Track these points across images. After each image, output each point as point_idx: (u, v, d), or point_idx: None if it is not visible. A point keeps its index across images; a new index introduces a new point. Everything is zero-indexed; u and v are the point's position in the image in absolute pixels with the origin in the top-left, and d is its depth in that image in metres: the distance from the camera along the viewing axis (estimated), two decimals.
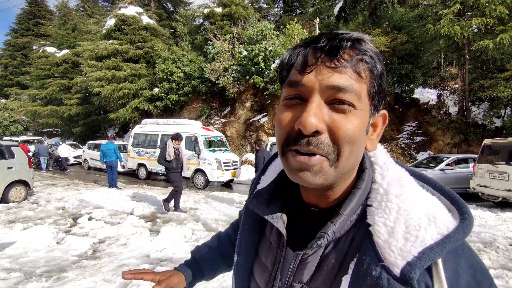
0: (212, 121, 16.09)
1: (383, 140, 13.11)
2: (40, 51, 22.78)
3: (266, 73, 14.20)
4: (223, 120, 15.95)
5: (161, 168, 10.81)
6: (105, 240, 4.25)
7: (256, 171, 6.83)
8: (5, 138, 19.00)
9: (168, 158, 5.76)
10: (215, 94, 16.55)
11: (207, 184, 9.73)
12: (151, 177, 11.48)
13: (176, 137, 5.97)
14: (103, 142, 13.30)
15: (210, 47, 16.30)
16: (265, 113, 15.00)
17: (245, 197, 7.29)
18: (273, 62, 14.16)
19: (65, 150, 13.86)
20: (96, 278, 2.99)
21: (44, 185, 9.38)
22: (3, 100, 25.72)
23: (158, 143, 10.92)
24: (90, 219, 5.18)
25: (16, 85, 26.52)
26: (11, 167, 6.50)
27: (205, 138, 10.16)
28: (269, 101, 15.08)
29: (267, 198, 0.55)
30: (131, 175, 11.99)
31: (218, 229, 4.83)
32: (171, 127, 11.00)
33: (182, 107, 17.84)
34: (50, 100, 21.71)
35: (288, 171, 0.45)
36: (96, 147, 13.76)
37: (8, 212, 5.70)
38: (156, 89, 17.19)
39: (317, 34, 0.45)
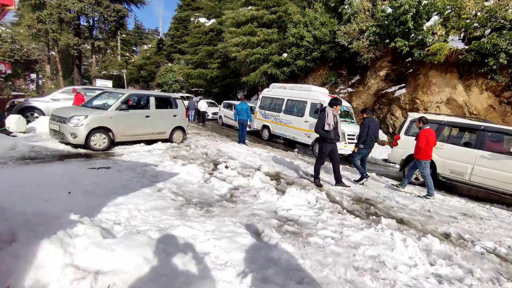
0: (337, 90, 15.10)
1: None
2: (195, 22, 27.12)
3: (413, 35, 11.62)
4: (349, 89, 14.66)
5: (282, 132, 11.34)
6: (238, 188, 4.80)
7: (358, 139, 6.00)
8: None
9: (327, 128, 5.16)
10: (345, 60, 15.20)
11: None
12: (272, 139, 12.21)
13: (336, 101, 5.30)
14: (236, 102, 15.04)
15: (346, 6, 14.67)
16: (403, 84, 12.66)
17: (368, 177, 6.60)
18: (427, 20, 11.34)
19: (204, 105, 16.85)
20: (235, 219, 3.38)
21: (192, 133, 11.62)
22: (169, 64, 32.98)
23: (283, 108, 11.26)
24: (226, 167, 5.98)
25: (178, 51, 33.17)
26: (176, 115, 8.27)
27: None
28: (411, 70, 12.55)
29: None
30: (255, 135, 13.13)
31: (343, 203, 4.57)
32: (296, 93, 11.03)
33: (308, 74, 17.52)
34: (198, 64, 26.11)
35: None
36: (229, 106, 15.76)
37: (172, 149, 7.39)
38: (284, 54, 17.46)
39: None
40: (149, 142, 7.72)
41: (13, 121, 7.70)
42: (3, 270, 1.56)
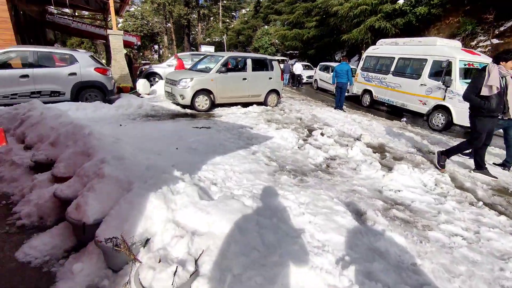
0: (474, 43, 11.53)
1: None
2: None
3: None
4: (494, 40, 10.91)
5: (388, 98, 9.67)
6: (335, 158, 4.32)
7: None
8: None
9: (486, 92, 3.51)
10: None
11: (448, 127, 7.53)
12: (374, 106, 10.66)
13: (507, 55, 3.55)
14: (334, 64, 13.65)
15: None
16: None
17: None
18: None
19: (299, 68, 16.00)
20: (331, 194, 3.01)
21: (286, 97, 11.34)
22: (266, 27, 32.65)
23: (392, 68, 9.44)
24: (322, 134, 5.50)
25: (274, 12, 32.24)
26: (271, 78, 8.09)
27: (464, 65, 7.38)
28: None
29: None
30: (353, 100, 11.75)
31: (476, 192, 3.50)
32: (413, 49, 8.95)
33: (429, 25, 13.97)
34: (294, 24, 24.73)
35: None
36: (326, 68, 14.48)
37: (266, 113, 7.36)
38: (400, 1, 14.27)
39: None
40: (245, 105, 7.92)
41: (140, 85, 9.25)
42: (121, 215, 1.73)
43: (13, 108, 4.02)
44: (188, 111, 7.09)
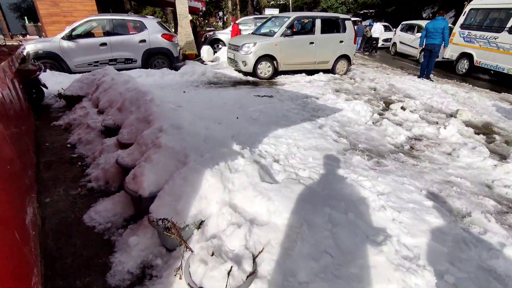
0: None
1: None
2: None
3: None
4: None
5: (496, 64, 7.60)
6: (421, 139, 3.54)
7: None
8: None
9: None
10: None
11: None
12: (471, 74, 8.60)
13: None
14: (422, 22, 11.32)
15: None
16: None
17: None
18: None
19: (379, 29, 13.73)
20: (418, 184, 2.41)
21: (357, 64, 10.01)
22: None
23: (509, 24, 7.25)
24: (403, 108, 4.60)
25: None
26: (342, 41, 7.06)
27: None
28: None
29: None
30: (444, 67, 9.69)
31: None
32: None
33: None
34: None
35: None
36: (410, 28, 12.15)
37: (334, 81, 6.56)
38: None
39: None
40: (310, 72, 7.20)
41: (204, 51, 9.24)
42: (175, 191, 1.58)
43: (91, 74, 4.33)
44: (250, 78, 6.79)
